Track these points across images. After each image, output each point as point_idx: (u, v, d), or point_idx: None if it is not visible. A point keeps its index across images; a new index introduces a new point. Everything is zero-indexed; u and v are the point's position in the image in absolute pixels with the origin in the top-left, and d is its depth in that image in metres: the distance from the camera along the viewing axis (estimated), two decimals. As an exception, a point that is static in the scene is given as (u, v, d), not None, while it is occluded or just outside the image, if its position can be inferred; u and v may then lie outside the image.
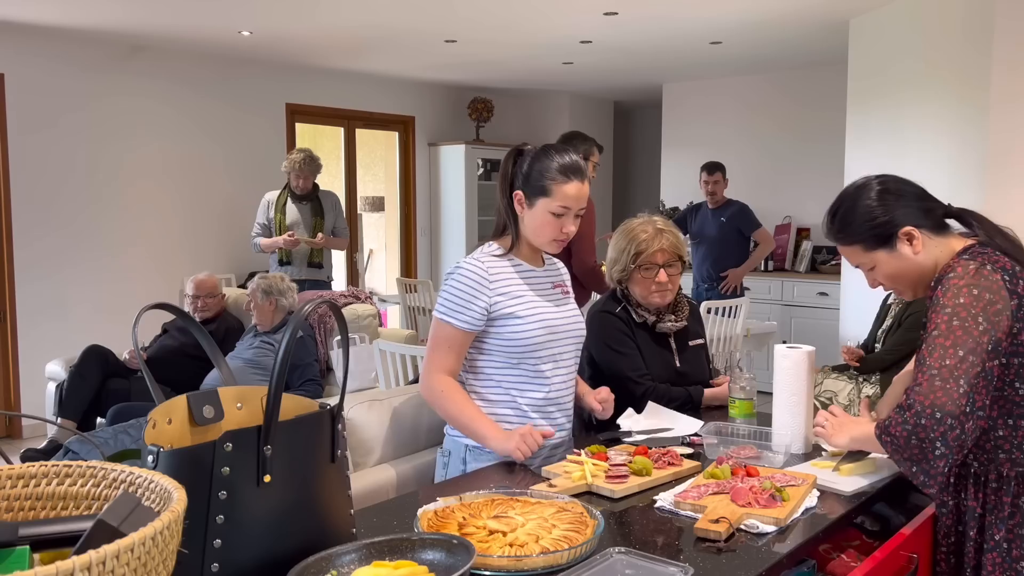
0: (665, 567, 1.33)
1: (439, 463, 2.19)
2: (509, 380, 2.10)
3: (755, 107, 7.37)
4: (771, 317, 6.52)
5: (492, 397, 2.11)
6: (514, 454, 1.93)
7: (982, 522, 1.67)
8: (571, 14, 5.00)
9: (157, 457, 1.14)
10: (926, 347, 1.58)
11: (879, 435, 1.62)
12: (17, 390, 5.60)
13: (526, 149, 2.11)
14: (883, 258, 1.72)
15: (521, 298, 2.08)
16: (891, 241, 1.70)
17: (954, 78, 4.19)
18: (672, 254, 2.49)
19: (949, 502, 1.73)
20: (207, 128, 6.45)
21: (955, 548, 1.73)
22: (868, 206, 1.72)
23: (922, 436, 1.53)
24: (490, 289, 2.04)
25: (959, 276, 1.60)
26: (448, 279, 2.08)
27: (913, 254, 1.69)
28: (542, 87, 8.23)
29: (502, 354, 2.08)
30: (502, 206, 2.13)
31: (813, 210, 6.95)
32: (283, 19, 5.15)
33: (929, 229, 1.70)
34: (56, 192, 5.68)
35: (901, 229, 1.69)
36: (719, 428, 2.09)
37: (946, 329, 1.56)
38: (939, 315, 1.58)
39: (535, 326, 2.06)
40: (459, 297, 2.04)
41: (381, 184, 8.23)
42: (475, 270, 2.06)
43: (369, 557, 1.27)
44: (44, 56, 5.58)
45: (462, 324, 2.03)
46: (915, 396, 1.54)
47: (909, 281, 1.74)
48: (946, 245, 1.71)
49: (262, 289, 4.13)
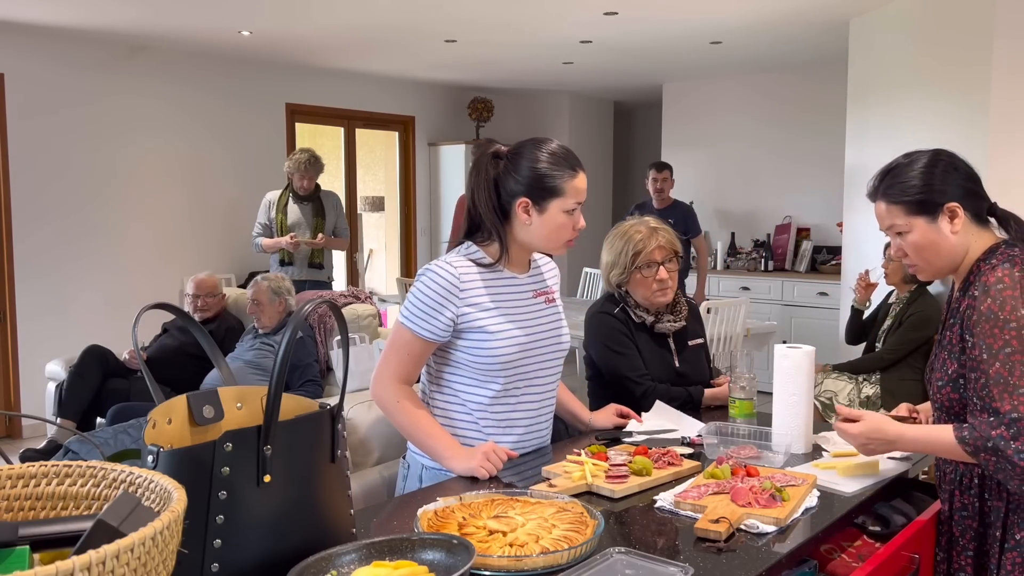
0: (665, 567, 1.33)
1: (400, 475, 2.08)
2: (476, 398, 1.96)
3: (755, 107, 7.37)
4: (771, 317, 6.52)
5: (454, 413, 1.98)
6: (477, 472, 1.82)
7: (1006, 521, 1.65)
8: (571, 14, 5.00)
9: (157, 457, 1.14)
10: (1001, 364, 1.56)
11: (975, 453, 1.57)
12: (17, 390, 5.60)
13: (502, 151, 1.96)
14: (921, 226, 1.71)
15: (492, 311, 1.92)
16: (935, 211, 1.69)
17: (954, 78, 4.19)
18: (669, 250, 2.48)
19: (974, 504, 1.71)
20: (207, 128, 6.45)
21: (977, 549, 1.71)
22: (922, 171, 1.71)
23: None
24: (459, 299, 1.89)
25: (1009, 287, 1.59)
26: (417, 281, 1.93)
27: (950, 232, 1.69)
28: (542, 87, 8.23)
29: (469, 369, 1.94)
30: (486, 213, 1.94)
31: (813, 210, 6.96)
32: (283, 19, 5.15)
33: (971, 214, 1.71)
34: (56, 191, 5.68)
35: (948, 203, 1.69)
36: (719, 428, 2.09)
37: (1019, 344, 1.56)
38: (1004, 330, 1.57)
39: (505, 344, 1.92)
40: (424, 303, 1.89)
41: (381, 184, 8.23)
42: (445, 276, 1.89)
43: (369, 557, 1.27)
44: (44, 56, 5.58)
45: (424, 333, 1.89)
46: (1020, 424, 1.52)
47: (936, 258, 1.72)
48: (982, 237, 1.71)
49: (272, 290, 4.12)
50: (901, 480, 1.90)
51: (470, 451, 1.89)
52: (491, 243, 1.98)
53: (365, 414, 3.11)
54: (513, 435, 2.00)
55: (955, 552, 1.75)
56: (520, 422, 2.01)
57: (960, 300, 1.70)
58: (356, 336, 4.18)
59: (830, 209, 6.70)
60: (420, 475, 1.99)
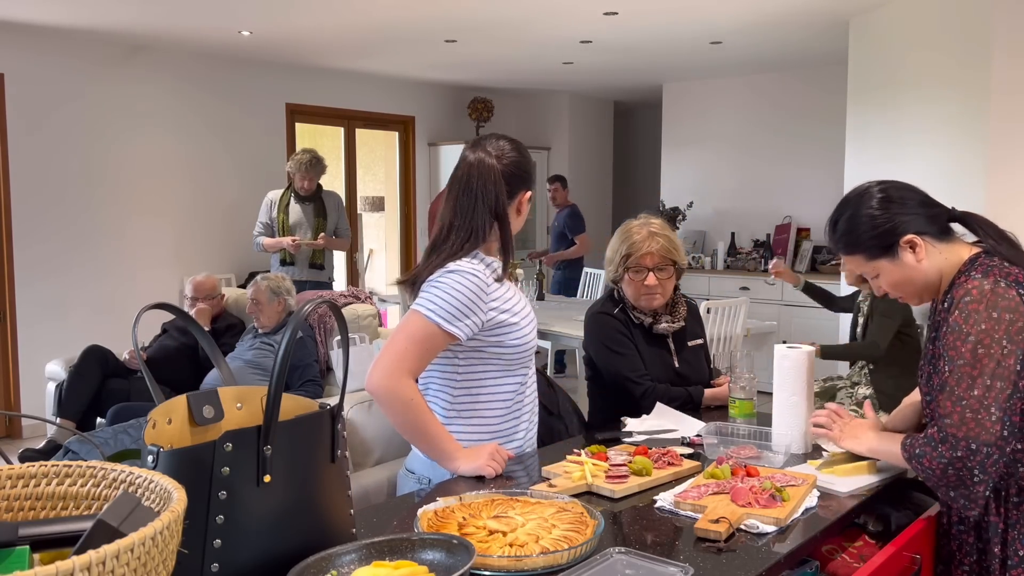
0: (665, 567, 1.33)
1: (404, 479, 2.06)
2: (509, 387, 1.98)
3: (755, 107, 7.37)
4: (771, 317, 6.52)
5: (488, 409, 1.98)
6: (485, 471, 1.83)
7: (1005, 537, 1.64)
8: (571, 14, 5.00)
9: (157, 457, 1.14)
10: (952, 375, 1.57)
11: (909, 460, 1.62)
12: (17, 390, 5.60)
13: (488, 162, 1.94)
14: (886, 266, 1.70)
15: (509, 301, 1.96)
16: (893, 249, 1.68)
17: (954, 77, 4.19)
18: (662, 258, 2.45)
19: (971, 518, 1.70)
20: (207, 128, 6.45)
21: (977, 564, 1.71)
22: (870, 215, 1.69)
23: (959, 467, 1.53)
24: (486, 304, 1.89)
25: (976, 300, 1.58)
26: (444, 276, 1.88)
27: (916, 262, 1.67)
28: (542, 87, 8.23)
29: (501, 361, 1.96)
30: (484, 218, 1.93)
31: (813, 210, 6.95)
32: (283, 19, 5.15)
33: (933, 236, 1.68)
34: (56, 192, 5.68)
35: (903, 238, 1.66)
36: (719, 428, 2.09)
37: (971, 358, 1.55)
38: (963, 343, 1.56)
39: (529, 330, 1.99)
40: (460, 301, 1.85)
41: (381, 184, 8.23)
42: (479, 279, 1.88)
43: (369, 557, 1.27)
44: (44, 56, 5.58)
45: (453, 328, 1.85)
46: (948, 429, 1.54)
47: (914, 289, 1.72)
48: (951, 252, 1.69)
49: (271, 289, 4.12)
50: (901, 480, 1.90)
51: (475, 451, 1.89)
52: (490, 245, 1.98)
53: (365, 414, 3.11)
54: (533, 422, 2.09)
55: (953, 564, 1.75)
56: (532, 408, 2.09)
57: (942, 312, 1.69)
58: (356, 336, 4.17)
59: (830, 209, 6.60)
60: (426, 487, 1.95)
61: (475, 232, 1.93)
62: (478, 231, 1.93)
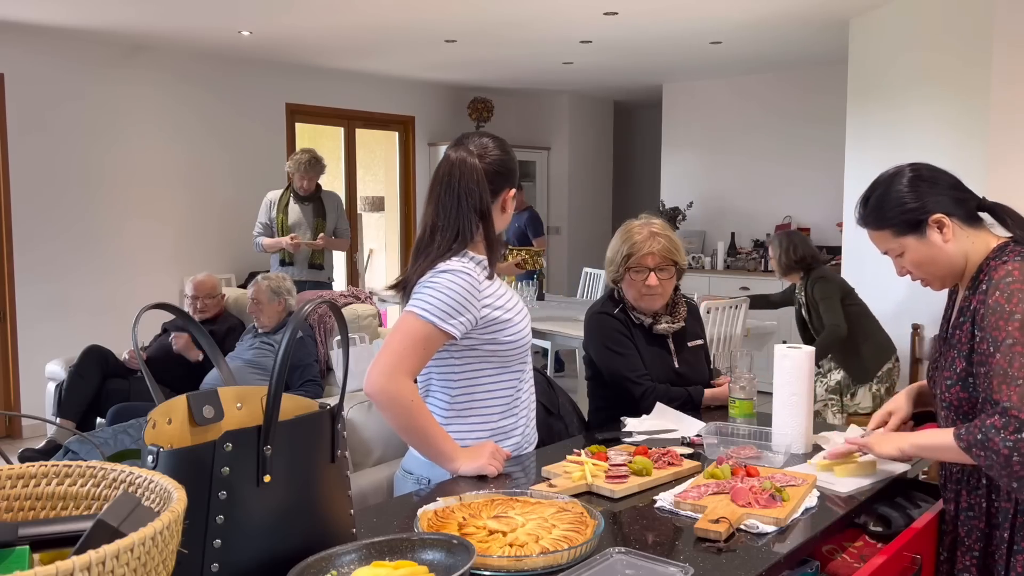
0: (665, 567, 1.33)
1: (402, 480, 2.06)
2: (509, 383, 1.99)
3: (755, 107, 7.37)
4: (771, 317, 6.52)
5: (487, 406, 1.98)
6: (487, 470, 1.84)
7: (1014, 522, 1.65)
8: (571, 14, 5.00)
9: (157, 457, 1.14)
10: (1002, 356, 1.56)
11: (968, 449, 1.57)
12: (17, 390, 5.60)
13: (470, 162, 1.93)
14: (912, 244, 1.72)
15: (502, 298, 1.97)
16: (921, 227, 1.70)
17: (954, 77, 4.19)
18: (663, 259, 2.45)
19: (981, 504, 1.70)
20: (207, 128, 6.45)
21: (983, 550, 1.71)
22: (900, 192, 1.72)
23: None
24: (479, 301, 1.90)
25: (1018, 280, 1.59)
26: (436, 276, 1.88)
27: (943, 242, 1.69)
28: (542, 87, 8.23)
29: (497, 358, 1.96)
30: (469, 217, 1.92)
31: (813, 210, 6.96)
32: (283, 19, 5.15)
33: (961, 219, 1.70)
34: (56, 192, 5.68)
35: (932, 216, 1.69)
36: (719, 428, 2.09)
37: (1021, 335, 1.55)
38: (1009, 322, 1.57)
39: (524, 325, 2.00)
40: (453, 299, 1.85)
41: (381, 184, 8.23)
42: (471, 278, 1.89)
43: (369, 557, 1.27)
44: (44, 56, 5.58)
45: (449, 328, 1.85)
46: (1011, 412, 1.52)
47: (937, 270, 1.73)
48: (979, 238, 1.71)
49: (271, 289, 4.12)
50: (901, 480, 1.90)
51: (475, 450, 1.89)
52: (477, 244, 1.97)
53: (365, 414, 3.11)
54: (531, 419, 2.10)
55: (959, 552, 1.75)
56: (530, 404, 2.09)
57: (969, 299, 1.69)
58: (356, 336, 4.17)
59: (830, 209, 6.70)
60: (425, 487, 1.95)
61: (461, 232, 1.93)
62: (464, 231, 1.92)
